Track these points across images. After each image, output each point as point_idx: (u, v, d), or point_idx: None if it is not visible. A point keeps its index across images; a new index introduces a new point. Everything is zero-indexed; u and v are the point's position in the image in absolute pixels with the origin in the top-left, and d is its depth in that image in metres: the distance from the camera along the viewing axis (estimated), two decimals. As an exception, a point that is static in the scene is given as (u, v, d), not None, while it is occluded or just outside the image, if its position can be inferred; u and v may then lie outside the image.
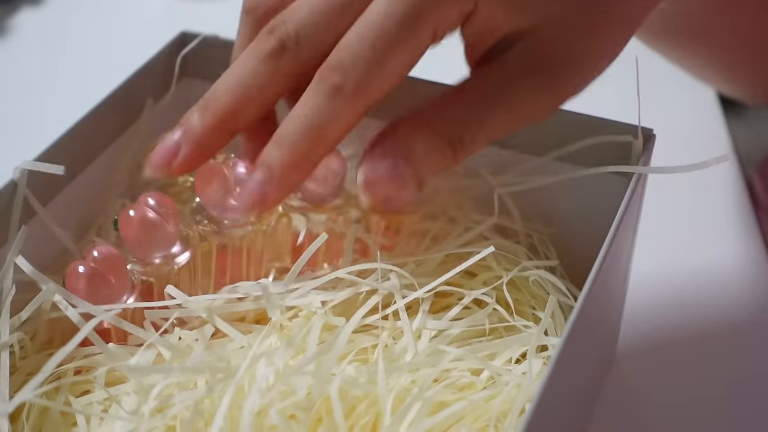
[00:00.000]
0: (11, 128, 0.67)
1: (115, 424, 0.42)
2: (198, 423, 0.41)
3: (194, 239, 0.49)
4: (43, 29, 0.86)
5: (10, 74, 0.80)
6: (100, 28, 0.87)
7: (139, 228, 0.47)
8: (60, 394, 0.44)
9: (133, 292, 0.47)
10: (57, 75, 0.80)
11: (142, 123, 0.55)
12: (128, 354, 0.45)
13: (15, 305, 0.45)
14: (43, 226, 0.48)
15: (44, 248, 0.50)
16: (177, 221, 0.48)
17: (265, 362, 0.43)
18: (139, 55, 0.56)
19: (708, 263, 0.61)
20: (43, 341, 0.47)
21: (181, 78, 0.56)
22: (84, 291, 0.46)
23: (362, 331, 0.46)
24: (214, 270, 0.50)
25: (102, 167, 0.53)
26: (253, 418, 0.40)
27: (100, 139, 0.53)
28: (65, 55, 0.83)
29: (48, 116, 0.65)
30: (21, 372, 0.46)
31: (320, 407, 0.41)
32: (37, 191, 0.48)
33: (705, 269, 0.61)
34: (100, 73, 0.63)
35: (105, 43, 0.85)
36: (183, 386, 0.44)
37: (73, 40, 0.85)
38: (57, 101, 0.72)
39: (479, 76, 0.44)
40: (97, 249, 0.47)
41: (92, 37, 0.86)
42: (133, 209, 0.47)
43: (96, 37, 0.86)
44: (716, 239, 0.64)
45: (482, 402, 0.42)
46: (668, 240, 0.63)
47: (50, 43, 0.84)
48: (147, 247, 0.48)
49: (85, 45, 0.84)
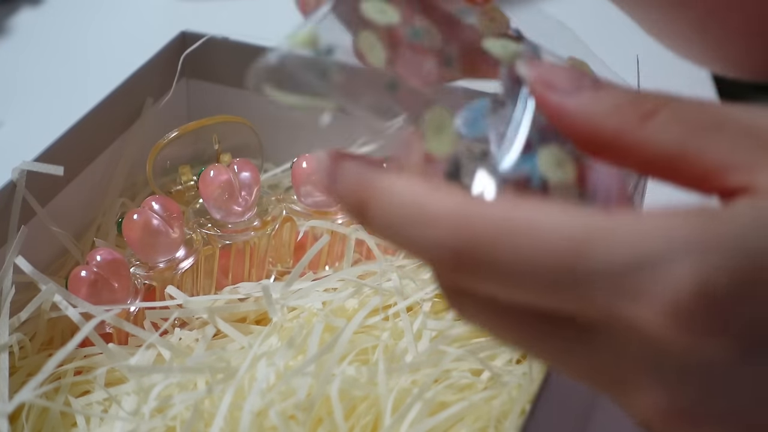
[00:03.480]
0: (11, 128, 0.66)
1: (115, 425, 0.42)
2: (198, 423, 0.41)
3: (198, 242, 0.49)
4: (43, 29, 0.86)
5: (10, 74, 0.80)
6: (100, 27, 0.87)
7: (142, 233, 0.47)
8: (60, 394, 0.44)
9: (136, 296, 0.47)
10: (57, 75, 0.80)
11: (142, 123, 0.54)
12: (128, 354, 0.45)
13: (14, 305, 0.45)
14: (43, 227, 0.48)
15: (44, 248, 0.49)
16: (181, 225, 0.48)
17: (265, 363, 0.43)
18: (139, 55, 0.56)
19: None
20: (42, 341, 0.47)
21: (180, 78, 0.56)
22: (87, 296, 0.46)
23: (363, 332, 0.46)
24: (217, 271, 0.50)
25: (102, 167, 0.53)
26: (254, 418, 0.40)
27: (100, 139, 0.53)
28: (65, 55, 0.83)
29: (48, 116, 0.65)
30: (21, 372, 0.46)
31: (320, 408, 0.41)
32: (37, 191, 0.48)
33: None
34: (100, 73, 0.63)
35: (105, 43, 0.84)
36: (183, 386, 0.43)
37: (72, 40, 0.85)
38: (57, 101, 0.72)
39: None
40: (99, 253, 0.47)
41: (92, 37, 0.85)
42: (137, 213, 0.47)
43: (96, 36, 0.86)
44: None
45: (483, 402, 0.42)
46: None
47: (50, 43, 0.84)
48: (151, 252, 0.48)
49: (85, 45, 0.84)
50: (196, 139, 0.54)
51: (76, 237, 0.52)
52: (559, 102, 0.32)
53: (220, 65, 0.56)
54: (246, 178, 0.49)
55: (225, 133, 0.54)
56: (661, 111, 0.31)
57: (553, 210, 0.29)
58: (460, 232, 0.29)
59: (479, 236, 0.29)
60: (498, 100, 0.35)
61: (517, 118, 0.34)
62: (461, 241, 0.29)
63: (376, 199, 0.31)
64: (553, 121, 0.33)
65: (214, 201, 0.49)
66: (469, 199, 0.30)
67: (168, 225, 0.47)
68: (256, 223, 0.50)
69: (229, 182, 0.49)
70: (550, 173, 0.32)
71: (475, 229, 0.29)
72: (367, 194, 0.31)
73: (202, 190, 0.50)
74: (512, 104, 0.34)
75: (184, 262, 0.48)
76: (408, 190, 0.30)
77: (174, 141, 0.52)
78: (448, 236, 0.29)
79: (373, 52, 0.35)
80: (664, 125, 0.31)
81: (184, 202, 0.52)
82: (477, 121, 0.34)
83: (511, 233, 0.29)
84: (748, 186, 0.30)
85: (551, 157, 0.33)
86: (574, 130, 0.32)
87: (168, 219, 0.48)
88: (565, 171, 0.32)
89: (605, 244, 0.28)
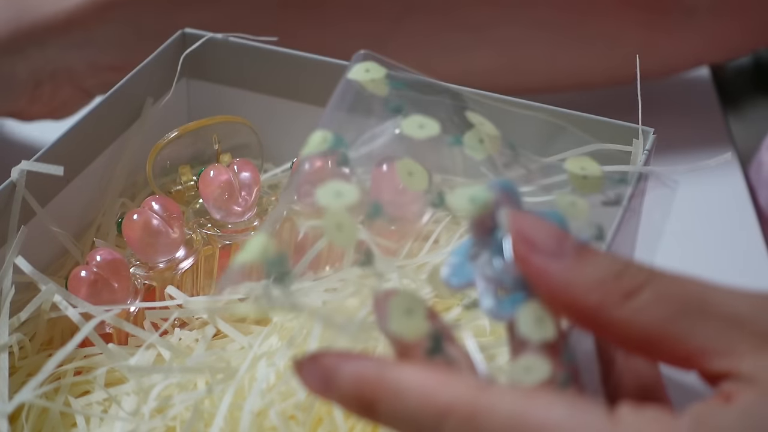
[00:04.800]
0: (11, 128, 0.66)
1: (114, 425, 0.42)
2: (198, 423, 0.41)
3: (198, 242, 0.49)
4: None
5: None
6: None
7: (142, 233, 0.47)
8: (59, 394, 0.44)
9: (136, 297, 0.47)
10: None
11: (142, 123, 0.54)
12: (128, 354, 0.45)
13: (14, 305, 0.45)
14: (43, 227, 0.48)
15: (44, 249, 0.49)
16: (182, 225, 0.48)
17: (265, 363, 0.43)
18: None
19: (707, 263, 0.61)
20: (42, 342, 0.47)
21: (180, 78, 0.56)
22: (87, 296, 0.46)
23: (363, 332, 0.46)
24: (217, 271, 0.50)
25: (102, 167, 0.53)
26: (254, 418, 0.40)
27: (99, 139, 0.52)
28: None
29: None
30: (21, 372, 0.46)
31: (320, 408, 0.41)
32: (37, 191, 0.48)
33: (705, 270, 0.61)
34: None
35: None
36: (183, 387, 0.43)
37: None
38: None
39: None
40: (99, 253, 0.47)
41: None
42: (137, 213, 0.47)
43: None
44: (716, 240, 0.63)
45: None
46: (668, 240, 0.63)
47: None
48: (151, 252, 0.48)
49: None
50: (196, 139, 0.54)
51: (75, 237, 0.52)
52: (541, 265, 0.32)
53: (220, 65, 0.56)
54: (246, 178, 0.50)
55: (225, 133, 0.54)
56: (645, 289, 0.31)
57: (560, 410, 0.29)
58: (475, 426, 0.30)
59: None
60: (476, 246, 0.34)
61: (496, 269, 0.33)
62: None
63: (384, 396, 0.31)
64: (532, 282, 0.32)
65: (214, 201, 0.49)
66: (480, 389, 0.30)
67: (168, 225, 0.47)
68: (256, 223, 0.50)
69: (229, 182, 0.49)
70: (531, 333, 0.32)
71: (490, 424, 0.30)
72: (374, 393, 0.31)
73: (202, 190, 0.50)
74: (488, 252, 0.34)
75: (184, 262, 0.48)
76: (417, 383, 0.30)
77: (174, 141, 0.52)
78: (463, 430, 0.30)
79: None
80: (647, 305, 0.31)
81: (184, 202, 0.52)
82: (463, 267, 0.34)
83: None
84: (730, 372, 0.30)
85: (531, 315, 0.32)
86: (553, 297, 0.32)
87: (168, 219, 0.48)
88: (545, 329, 0.32)
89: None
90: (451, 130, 0.38)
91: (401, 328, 0.32)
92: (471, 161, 0.38)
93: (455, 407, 0.30)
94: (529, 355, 0.32)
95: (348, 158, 0.37)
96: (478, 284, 0.33)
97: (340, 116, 0.38)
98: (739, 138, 0.72)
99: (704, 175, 0.48)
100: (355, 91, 0.38)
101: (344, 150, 0.37)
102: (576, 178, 0.38)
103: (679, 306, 0.31)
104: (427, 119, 0.37)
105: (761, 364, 0.30)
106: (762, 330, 0.31)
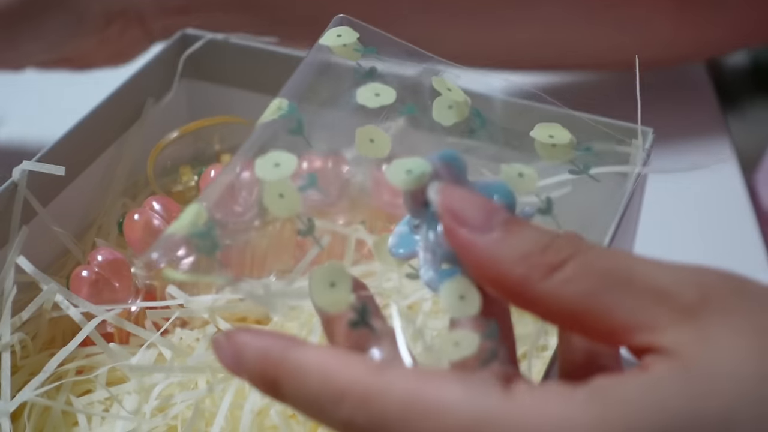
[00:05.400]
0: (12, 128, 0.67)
1: (116, 424, 0.42)
2: (199, 422, 0.41)
3: (197, 241, 0.49)
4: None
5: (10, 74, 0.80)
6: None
7: (144, 233, 0.47)
8: (61, 393, 0.44)
9: (137, 296, 0.47)
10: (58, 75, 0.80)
11: (142, 123, 0.55)
12: (129, 354, 0.46)
13: (16, 305, 0.45)
14: (44, 227, 0.48)
15: (45, 248, 0.50)
16: (182, 225, 0.48)
17: (266, 362, 0.43)
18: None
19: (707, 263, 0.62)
20: (44, 341, 0.47)
21: (181, 78, 0.56)
22: (88, 296, 0.46)
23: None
24: (216, 270, 0.50)
25: (103, 167, 0.53)
26: (254, 417, 0.41)
27: (100, 139, 0.53)
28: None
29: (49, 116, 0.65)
30: (22, 372, 0.46)
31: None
32: (38, 191, 0.48)
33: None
34: (101, 73, 0.63)
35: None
36: (184, 386, 0.44)
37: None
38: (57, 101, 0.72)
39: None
40: (101, 253, 0.47)
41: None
42: (138, 213, 0.47)
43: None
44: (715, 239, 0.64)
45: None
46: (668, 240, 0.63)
47: (50, 43, 0.84)
48: (151, 252, 0.48)
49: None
50: (197, 139, 0.54)
51: (77, 237, 0.52)
52: (467, 239, 0.31)
53: (220, 65, 0.56)
54: (246, 178, 0.50)
55: (225, 133, 0.54)
56: (569, 263, 0.30)
57: (454, 391, 0.29)
58: (370, 408, 0.29)
59: (388, 414, 0.29)
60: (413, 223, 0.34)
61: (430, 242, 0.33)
62: (371, 417, 0.29)
63: (286, 376, 0.31)
64: (460, 256, 0.32)
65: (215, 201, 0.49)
66: (378, 370, 0.30)
67: (168, 224, 0.48)
68: (256, 223, 0.50)
69: (229, 182, 0.49)
70: (453, 310, 0.31)
71: (384, 407, 0.29)
72: (277, 372, 0.31)
73: (202, 189, 0.50)
74: (425, 227, 0.33)
75: (185, 261, 0.48)
76: (317, 365, 0.30)
77: (175, 141, 0.52)
78: (359, 412, 0.29)
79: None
80: (571, 279, 0.30)
81: (185, 203, 0.52)
82: (409, 238, 0.34)
83: (419, 413, 0.29)
84: (652, 346, 0.30)
85: (453, 291, 0.32)
86: (479, 271, 0.31)
87: (169, 219, 0.48)
88: (468, 304, 0.31)
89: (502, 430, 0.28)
90: (416, 99, 0.37)
91: (322, 301, 0.32)
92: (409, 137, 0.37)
93: (351, 390, 0.30)
94: (460, 330, 0.31)
95: (303, 127, 0.36)
96: (420, 255, 0.33)
97: (304, 84, 0.37)
98: (738, 138, 0.72)
99: (704, 175, 0.48)
100: (325, 56, 0.38)
101: (299, 117, 0.36)
102: (543, 147, 0.37)
103: (604, 280, 0.30)
104: (385, 87, 0.36)
105: (682, 338, 0.29)
106: (685, 303, 0.30)
